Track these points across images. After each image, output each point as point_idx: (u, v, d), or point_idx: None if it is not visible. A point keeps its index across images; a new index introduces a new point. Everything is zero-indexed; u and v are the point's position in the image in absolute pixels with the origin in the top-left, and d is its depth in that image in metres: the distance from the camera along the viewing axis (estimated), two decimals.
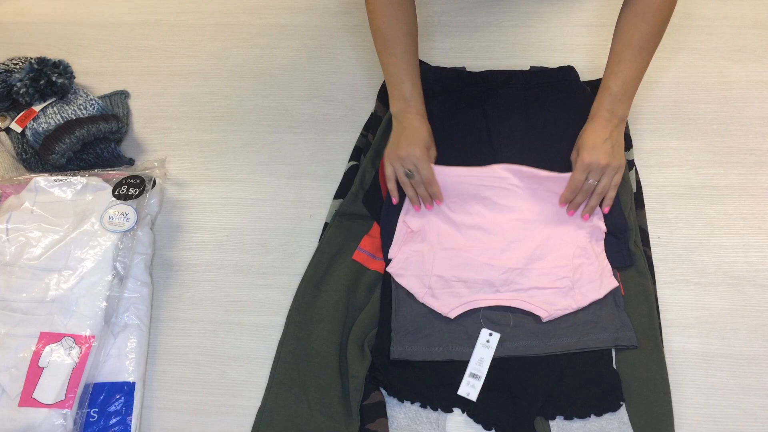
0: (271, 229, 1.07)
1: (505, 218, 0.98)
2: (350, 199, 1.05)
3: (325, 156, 1.14)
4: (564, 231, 0.97)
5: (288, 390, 0.91)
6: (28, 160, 1.11)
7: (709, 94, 1.15)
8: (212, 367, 0.96)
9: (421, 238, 0.99)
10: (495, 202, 0.99)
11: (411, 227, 0.99)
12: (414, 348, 0.92)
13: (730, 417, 0.88)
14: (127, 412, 0.91)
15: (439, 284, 0.94)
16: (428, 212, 1.00)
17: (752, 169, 1.07)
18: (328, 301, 0.96)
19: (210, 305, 1.01)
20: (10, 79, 1.10)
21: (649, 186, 1.06)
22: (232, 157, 1.15)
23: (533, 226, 0.98)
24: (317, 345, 0.93)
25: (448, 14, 1.29)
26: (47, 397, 0.87)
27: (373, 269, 1.00)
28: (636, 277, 0.96)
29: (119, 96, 1.23)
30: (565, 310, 0.92)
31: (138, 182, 1.05)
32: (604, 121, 0.96)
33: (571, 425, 0.86)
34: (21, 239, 0.99)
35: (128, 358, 0.93)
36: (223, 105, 1.22)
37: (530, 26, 1.26)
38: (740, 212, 1.03)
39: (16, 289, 0.95)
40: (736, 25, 1.23)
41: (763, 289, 0.97)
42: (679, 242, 1.01)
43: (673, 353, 0.92)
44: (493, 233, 0.97)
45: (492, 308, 0.94)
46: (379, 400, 0.89)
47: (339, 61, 1.26)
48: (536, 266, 0.95)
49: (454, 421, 0.89)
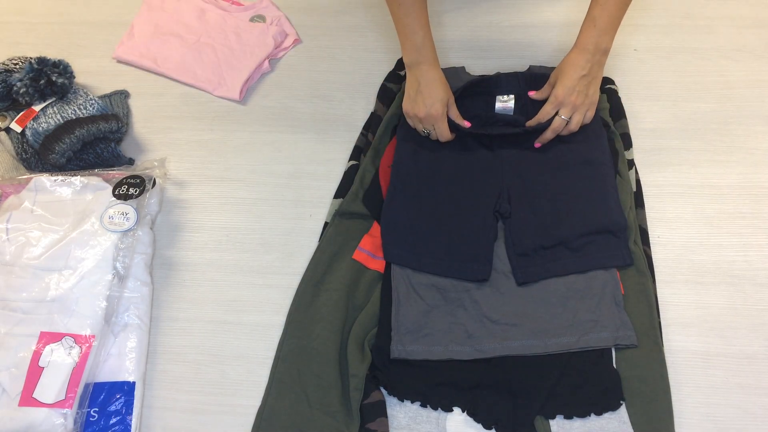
0: (271, 228, 1.07)
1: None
2: (350, 199, 1.05)
3: (325, 156, 1.14)
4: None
5: (288, 389, 0.91)
6: (28, 160, 1.11)
7: (709, 93, 1.15)
8: (212, 366, 0.96)
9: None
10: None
11: None
12: (414, 347, 0.92)
13: (730, 416, 0.88)
14: (127, 412, 0.91)
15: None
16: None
17: (752, 168, 1.07)
18: (328, 301, 0.96)
19: (210, 305, 1.01)
20: (10, 79, 1.10)
21: (649, 185, 1.06)
22: (232, 157, 1.15)
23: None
24: (317, 344, 0.93)
25: (448, 14, 1.29)
26: (47, 396, 0.87)
27: (373, 268, 1.00)
28: (636, 277, 0.96)
29: (119, 96, 1.23)
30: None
31: (138, 182, 1.05)
32: (586, 55, 0.97)
33: (571, 424, 0.86)
34: (21, 239, 0.99)
35: (128, 358, 0.93)
36: (223, 105, 1.22)
37: (530, 26, 1.26)
38: (740, 212, 1.03)
39: (16, 289, 0.95)
40: (736, 24, 1.23)
41: (762, 288, 0.97)
42: (679, 241, 1.01)
43: (672, 352, 0.92)
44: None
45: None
46: (380, 400, 0.89)
47: (339, 61, 1.26)
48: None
49: (454, 420, 0.89)
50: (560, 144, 1.04)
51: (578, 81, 0.97)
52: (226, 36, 1.27)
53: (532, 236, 0.98)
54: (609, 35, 0.97)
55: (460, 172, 1.04)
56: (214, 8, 1.31)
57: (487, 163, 1.04)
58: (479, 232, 0.99)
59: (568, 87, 0.98)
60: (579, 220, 0.97)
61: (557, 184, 1.01)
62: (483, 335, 0.92)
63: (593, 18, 0.96)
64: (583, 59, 0.97)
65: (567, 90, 0.98)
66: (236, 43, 1.25)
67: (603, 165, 1.02)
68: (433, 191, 1.03)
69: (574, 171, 1.02)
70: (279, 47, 1.26)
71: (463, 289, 0.96)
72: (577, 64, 0.97)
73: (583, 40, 0.98)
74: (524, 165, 1.03)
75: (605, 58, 0.99)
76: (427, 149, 1.06)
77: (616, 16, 0.96)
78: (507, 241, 0.99)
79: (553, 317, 0.92)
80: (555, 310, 0.93)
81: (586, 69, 0.97)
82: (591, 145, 1.03)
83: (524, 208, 1.00)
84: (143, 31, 1.29)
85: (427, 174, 1.04)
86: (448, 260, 0.98)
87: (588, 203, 0.99)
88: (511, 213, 1.00)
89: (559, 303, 0.93)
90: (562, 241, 0.97)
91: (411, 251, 0.99)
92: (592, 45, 0.97)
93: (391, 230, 1.00)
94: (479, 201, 1.01)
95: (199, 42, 1.27)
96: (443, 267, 0.97)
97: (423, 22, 0.99)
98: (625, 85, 1.16)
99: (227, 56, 1.24)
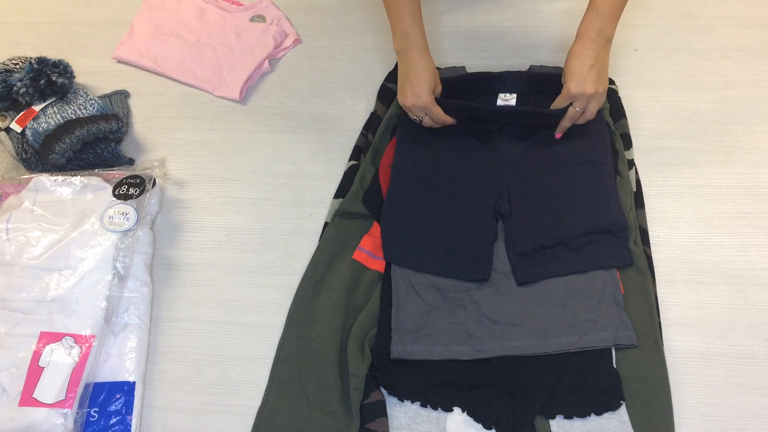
0: (271, 228, 1.07)
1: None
2: (350, 199, 1.05)
3: (325, 156, 1.14)
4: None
5: (288, 389, 0.91)
6: (28, 160, 1.11)
7: (709, 93, 1.15)
8: (212, 366, 0.96)
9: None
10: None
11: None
12: (414, 347, 0.92)
13: (730, 416, 0.88)
14: (128, 412, 0.91)
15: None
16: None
17: (752, 168, 1.07)
18: (328, 301, 0.96)
19: (210, 305, 1.01)
20: (10, 79, 1.10)
21: (649, 185, 1.06)
22: (232, 157, 1.15)
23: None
24: (317, 344, 0.93)
25: (448, 14, 1.29)
26: (47, 396, 0.87)
27: (373, 269, 1.00)
28: (636, 277, 0.96)
29: (119, 96, 1.23)
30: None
31: (138, 182, 1.05)
32: (591, 44, 0.97)
33: (571, 424, 0.86)
34: (21, 239, 0.99)
35: (128, 358, 0.93)
36: (223, 105, 1.22)
37: (530, 26, 1.26)
38: (740, 211, 1.03)
39: (16, 289, 0.95)
40: (736, 24, 1.23)
41: (762, 288, 0.97)
42: (679, 241, 1.01)
43: (673, 352, 0.92)
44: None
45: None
46: (380, 400, 0.89)
47: (339, 61, 1.26)
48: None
49: (454, 420, 0.89)
50: (561, 144, 1.04)
51: (588, 72, 0.97)
52: (226, 36, 1.27)
53: (532, 236, 0.98)
54: (612, 24, 0.97)
55: (460, 172, 1.04)
56: (214, 8, 1.31)
57: (487, 163, 1.04)
58: (479, 232, 0.99)
59: (579, 79, 0.97)
60: (579, 220, 0.97)
61: (557, 184, 1.01)
62: (483, 335, 0.92)
63: (596, 6, 0.96)
64: (588, 48, 0.97)
65: (579, 82, 0.97)
66: (236, 43, 1.25)
67: (603, 165, 1.02)
68: (433, 191, 1.03)
69: (575, 171, 1.02)
70: (279, 47, 1.26)
71: (463, 289, 0.96)
72: (583, 55, 0.97)
73: (585, 29, 0.98)
74: (525, 165, 1.03)
75: (609, 46, 0.98)
76: (427, 149, 1.06)
77: (618, 5, 0.96)
78: (507, 241, 0.99)
79: (553, 317, 0.92)
80: (555, 310, 0.93)
81: (593, 58, 0.97)
82: (592, 145, 1.03)
83: (524, 208, 1.00)
84: (143, 31, 1.29)
85: (427, 174, 1.04)
86: (448, 260, 0.98)
87: (588, 203, 0.99)
88: (511, 213, 1.00)
89: (559, 303, 0.93)
90: (562, 241, 0.97)
91: (411, 251, 0.99)
92: (595, 33, 0.96)
93: (391, 230, 1.00)
94: (479, 201, 1.01)
95: (199, 42, 1.27)
96: (443, 267, 0.97)
97: (414, 9, 0.99)
98: (625, 85, 1.16)
99: (227, 56, 1.24)
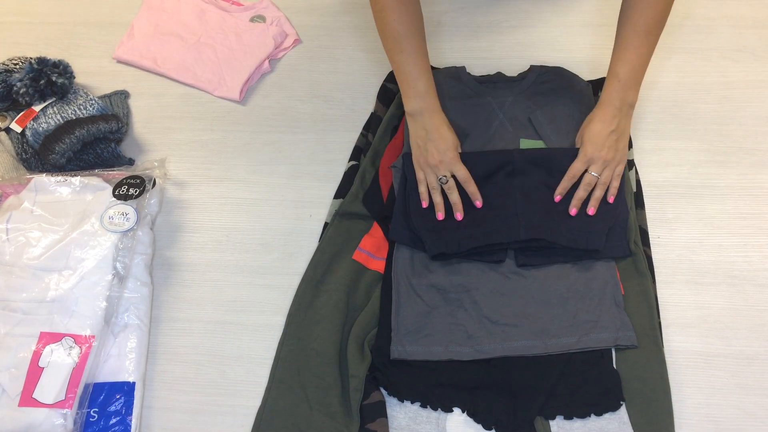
0: (271, 229, 1.07)
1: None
2: (350, 199, 1.05)
3: (325, 156, 1.14)
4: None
5: (288, 390, 0.91)
6: (28, 160, 1.11)
7: (709, 94, 1.15)
8: (212, 366, 0.96)
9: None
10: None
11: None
12: (414, 348, 0.92)
13: (730, 417, 0.88)
14: (127, 412, 0.91)
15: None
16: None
17: (752, 169, 1.07)
18: (328, 301, 0.96)
19: (210, 305, 1.01)
20: (10, 79, 1.10)
21: (649, 186, 1.06)
22: (232, 157, 1.15)
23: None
24: (317, 345, 0.93)
25: (448, 14, 1.29)
26: (47, 396, 0.87)
27: (373, 269, 1.00)
28: (636, 277, 0.96)
29: (119, 96, 1.23)
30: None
31: (138, 182, 1.05)
32: (612, 110, 0.96)
33: (571, 425, 0.86)
34: (21, 239, 0.99)
35: (128, 358, 0.93)
36: (223, 105, 1.22)
37: (530, 26, 1.26)
38: (740, 212, 1.03)
39: (16, 289, 0.95)
40: (736, 24, 1.23)
41: (763, 288, 0.97)
42: (679, 242, 1.01)
43: (673, 353, 0.92)
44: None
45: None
46: (379, 400, 0.89)
47: (339, 61, 1.26)
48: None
49: (454, 420, 0.89)
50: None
51: (607, 137, 0.95)
52: (226, 36, 1.27)
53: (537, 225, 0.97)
54: (634, 89, 0.95)
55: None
56: (214, 8, 1.31)
57: (500, 190, 1.01)
58: (500, 209, 0.98)
59: (597, 144, 0.95)
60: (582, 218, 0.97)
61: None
62: (483, 336, 0.92)
63: (616, 73, 0.95)
64: (609, 114, 0.96)
65: (596, 147, 0.95)
66: (236, 43, 1.25)
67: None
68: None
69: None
70: (279, 47, 1.26)
71: (463, 290, 0.96)
72: (604, 121, 0.96)
73: (608, 96, 0.96)
74: (537, 192, 1.00)
75: (632, 111, 0.97)
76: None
77: (639, 70, 0.94)
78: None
79: (553, 318, 0.92)
80: (555, 310, 0.93)
81: (614, 124, 0.95)
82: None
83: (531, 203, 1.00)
84: (143, 32, 1.29)
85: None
86: (480, 228, 0.96)
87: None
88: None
89: (559, 303, 0.93)
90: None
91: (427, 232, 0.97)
92: (617, 100, 0.95)
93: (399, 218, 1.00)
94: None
95: (199, 42, 1.27)
96: (478, 234, 0.95)
97: (425, 68, 0.98)
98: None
99: (227, 56, 1.24)
